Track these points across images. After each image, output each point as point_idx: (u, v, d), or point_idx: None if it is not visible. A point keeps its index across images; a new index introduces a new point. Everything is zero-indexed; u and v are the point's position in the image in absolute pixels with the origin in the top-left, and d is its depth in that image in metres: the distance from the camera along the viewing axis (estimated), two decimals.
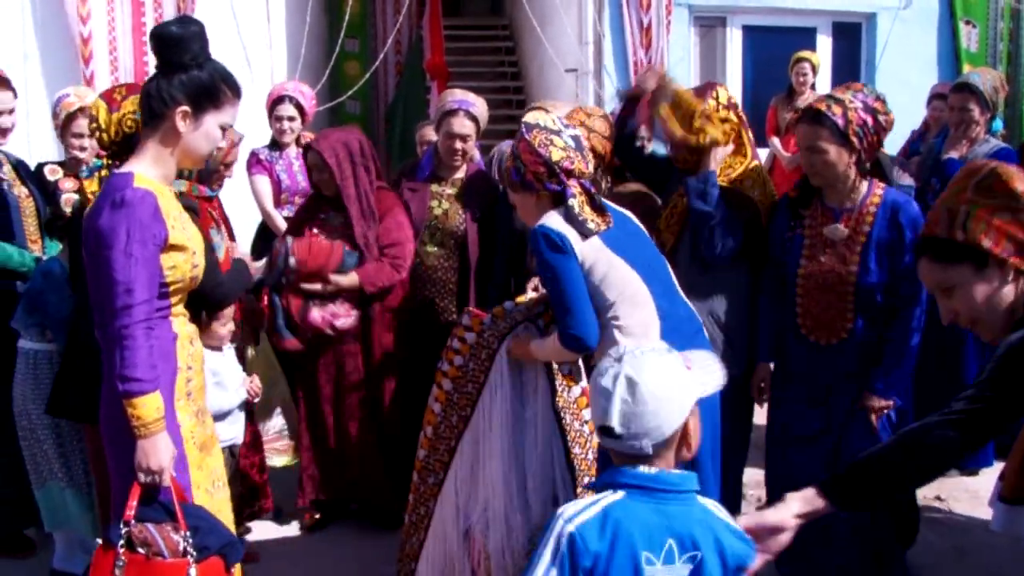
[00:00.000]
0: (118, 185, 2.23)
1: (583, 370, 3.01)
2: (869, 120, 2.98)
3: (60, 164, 4.01)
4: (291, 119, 4.74)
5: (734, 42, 7.66)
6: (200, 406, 2.43)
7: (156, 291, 2.23)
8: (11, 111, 3.82)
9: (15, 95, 3.86)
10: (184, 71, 2.30)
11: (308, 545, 3.88)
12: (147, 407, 2.15)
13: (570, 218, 2.67)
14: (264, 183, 4.63)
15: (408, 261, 3.89)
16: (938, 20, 7.58)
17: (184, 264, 2.29)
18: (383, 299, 3.86)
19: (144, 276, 2.17)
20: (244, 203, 4.66)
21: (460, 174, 4.13)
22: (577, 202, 2.69)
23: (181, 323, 2.37)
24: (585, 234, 2.67)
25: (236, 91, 2.40)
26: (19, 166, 3.87)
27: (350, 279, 3.74)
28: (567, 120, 3.46)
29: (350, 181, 3.79)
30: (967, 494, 4.23)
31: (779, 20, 7.65)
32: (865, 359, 3.09)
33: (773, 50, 7.26)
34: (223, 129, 2.41)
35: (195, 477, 2.35)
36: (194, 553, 2.15)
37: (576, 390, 2.98)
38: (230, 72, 2.40)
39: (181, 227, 2.30)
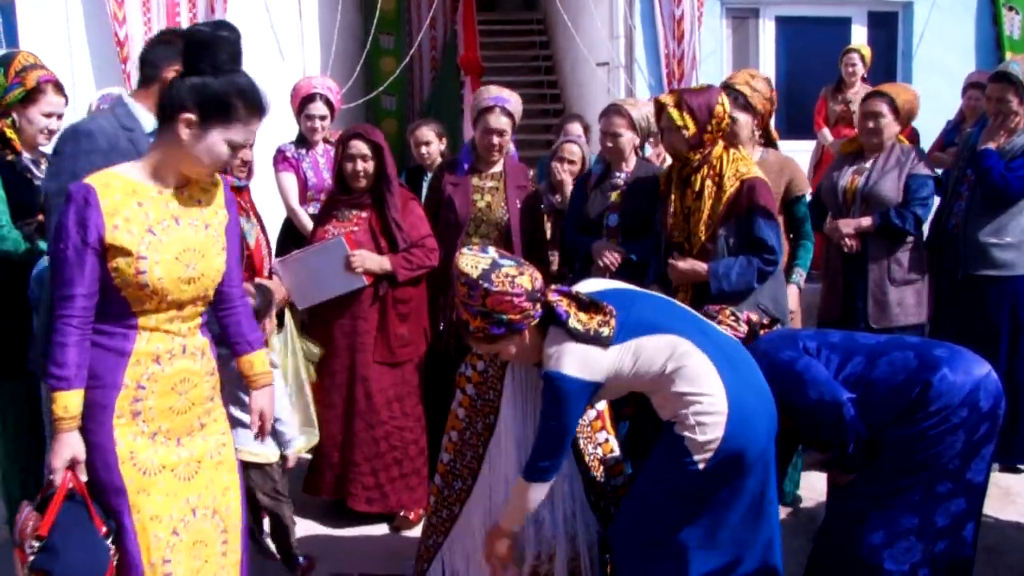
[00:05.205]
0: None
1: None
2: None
3: None
4: (323, 118, 4.73)
5: (767, 34, 7.58)
6: (158, 428, 2.26)
7: (94, 287, 2.14)
8: (60, 116, 3.74)
9: (67, 101, 3.90)
10: (200, 77, 2.15)
11: (327, 541, 3.92)
12: (57, 404, 2.12)
13: (579, 338, 2.50)
14: (291, 180, 4.66)
15: (437, 252, 3.99)
16: (976, 7, 7.41)
17: (127, 268, 2.14)
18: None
19: (73, 269, 2.11)
20: (271, 199, 4.72)
21: (498, 167, 4.25)
22: (574, 319, 2.53)
23: (152, 339, 2.22)
24: (605, 344, 2.52)
25: (254, 110, 2.22)
26: None
27: (381, 263, 3.83)
28: (733, 82, 3.81)
29: (393, 171, 3.91)
30: (999, 490, 4.09)
31: (813, 11, 7.55)
32: None
33: (807, 41, 7.17)
34: (233, 148, 2.23)
35: (136, 501, 2.21)
36: (31, 557, 2.11)
37: (591, 413, 2.92)
38: (254, 89, 2.20)
39: (127, 229, 2.14)
